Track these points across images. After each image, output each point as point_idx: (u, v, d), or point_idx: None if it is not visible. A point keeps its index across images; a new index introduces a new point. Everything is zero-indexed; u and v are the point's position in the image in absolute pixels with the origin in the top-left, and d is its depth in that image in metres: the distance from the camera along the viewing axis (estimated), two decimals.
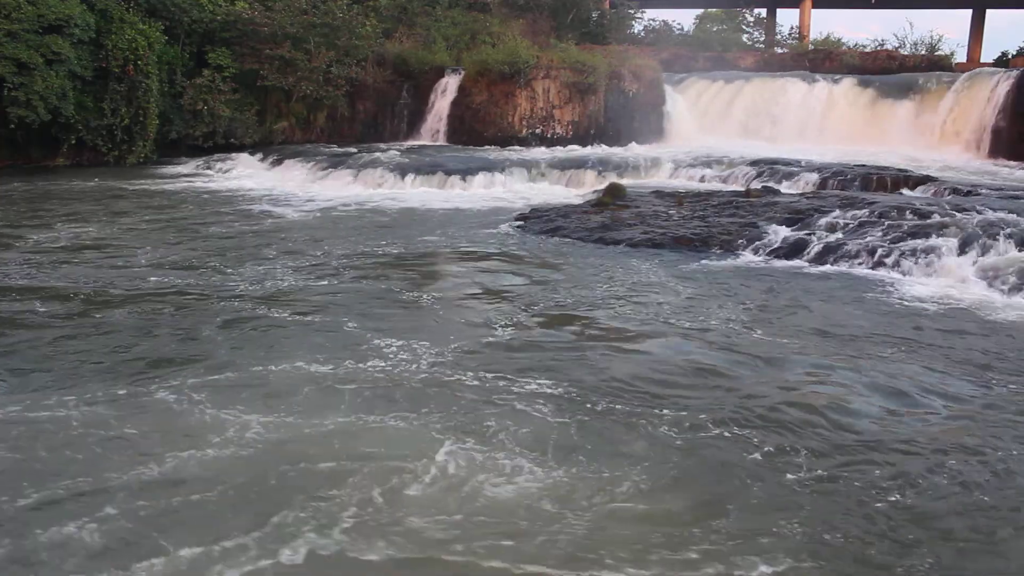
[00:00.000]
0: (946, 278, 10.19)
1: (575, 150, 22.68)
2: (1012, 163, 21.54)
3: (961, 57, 35.84)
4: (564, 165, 19.52)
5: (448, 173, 18.69)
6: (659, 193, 15.98)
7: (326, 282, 9.69)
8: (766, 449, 5.48)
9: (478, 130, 24.91)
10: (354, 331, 7.77)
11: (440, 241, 12.46)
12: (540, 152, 21.85)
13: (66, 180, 18.92)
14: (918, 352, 7.51)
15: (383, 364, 6.91)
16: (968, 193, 14.82)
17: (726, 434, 5.68)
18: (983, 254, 10.53)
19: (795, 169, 17.86)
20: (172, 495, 4.74)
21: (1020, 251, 10.48)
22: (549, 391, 6.37)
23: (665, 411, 6.03)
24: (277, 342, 7.40)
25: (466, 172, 18.75)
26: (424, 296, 9.15)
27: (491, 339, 7.60)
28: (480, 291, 9.43)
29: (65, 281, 9.47)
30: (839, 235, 11.80)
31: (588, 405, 6.13)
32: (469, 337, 7.64)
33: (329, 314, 8.35)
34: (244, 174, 20.37)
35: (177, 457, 5.17)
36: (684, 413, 6.00)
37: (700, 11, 39.41)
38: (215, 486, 4.84)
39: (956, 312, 8.91)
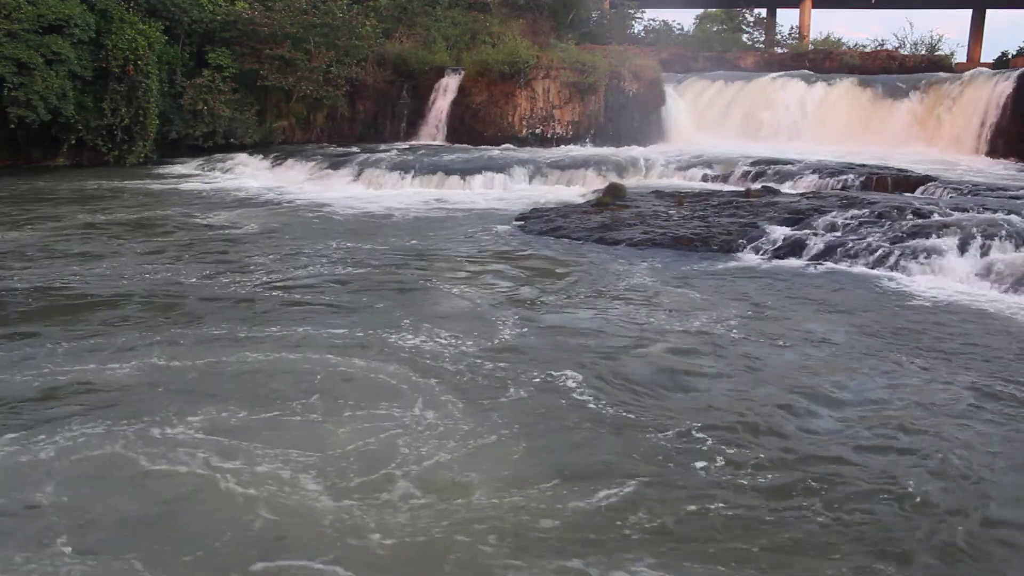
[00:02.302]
0: (946, 278, 10.19)
1: (575, 150, 22.67)
2: (1012, 163, 21.55)
3: (961, 57, 35.87)
4: (564, 165, 19.50)
5: (448, 173, 18.68)
6: (659, 193, 15.98)
7: (324, 278, 9.70)
8: (758, 454, 5.48)
9: (478, 130, 24.91)
10: (349, 323, 7.88)
11: (439, 241, 12.46)
12: (540, 152, 21.84)
13: (66, 180, 18.91)
14: (918, 352, 7.50)
15: (371, 347, 7.15)
16: (968, 193, 14.81)
17: (712, 437, 5.67)
18: (983, 254, 10.53)
19: (795, 169, 17.85)
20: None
21: (1020, 251, 10.49)
22: (537, 386, 6.42)
23: (655, 413, 6.03)
24: (267, 329, 7.43)
25: (466, 172, 18.74)
26: (422, 294, 9.15)
27: (486, 335, 7.60)
28: (478, 290, 9.43)
29: (69, 275, 9.49)
30: (839, 235, 11.81)
31: (574, 400, 6.16)
32: (464, 331, 7.68)
33: (327, 305, 8.46)
34: (244, 174, 20.36)
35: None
36: (675, 415, 6.00)
37: (700, 11, 39.44)
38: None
39: (956, 312, 8.91)
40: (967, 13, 38.68)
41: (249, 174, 20.30)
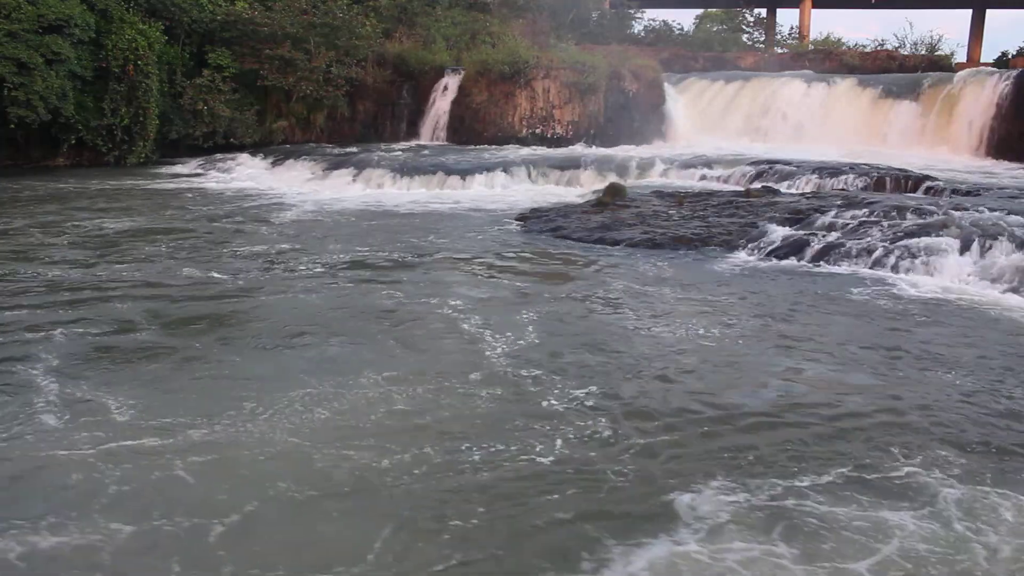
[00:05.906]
0: (946, 278, 10.19)
1: (575, 150, 22.67)
2: (1012, 163, 21.56)
3: (961, 57, 35.89)
4: (564, 165, 19.50)
5: (448, 173, 18.69)
6: (659, 193, 15.99)
7: (324, 278, 9.70)
8: (751, 454, 5.48)
9: (478, 130, 24.91)
10: (349, 321, 7.92)
11: (439, 241, 12.46)
12: (540, 152, 21.85)
13: (66, 180, 18.92)
14: (918, 352, 7.50)
15: (369, 345, 7.23)
16: (968, 193, 14.82)
17: (701, 435, 5.69)
18: (983, 254, 10.53)
19: (795, 169, 17.85)
20: None
21: (1020, 251, 10.48)
22: (531, 381, 6.47)
23: (646, 414, 6.03)
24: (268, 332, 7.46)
25: (466, 172, 18.74)
26: (421, 293, 9.14)
27: (483, 331, 7.61)
28: (477, 288, 9.43)
29: (79, 272, 9.52)
30: (839, 235, 11.80)
31: (564, 396, 6.19)
32: (461, 329, 7.70)
33: (327, 303, 8.53)
34: (244, 174, 20.36)
35: None
36: (663, 411, 6.01)
37: (700, 11, 39.49)
38: None
39: (956, 312, 8.91)
40: (967, 13, 38.71)
41: (249, 174, 20.30)
